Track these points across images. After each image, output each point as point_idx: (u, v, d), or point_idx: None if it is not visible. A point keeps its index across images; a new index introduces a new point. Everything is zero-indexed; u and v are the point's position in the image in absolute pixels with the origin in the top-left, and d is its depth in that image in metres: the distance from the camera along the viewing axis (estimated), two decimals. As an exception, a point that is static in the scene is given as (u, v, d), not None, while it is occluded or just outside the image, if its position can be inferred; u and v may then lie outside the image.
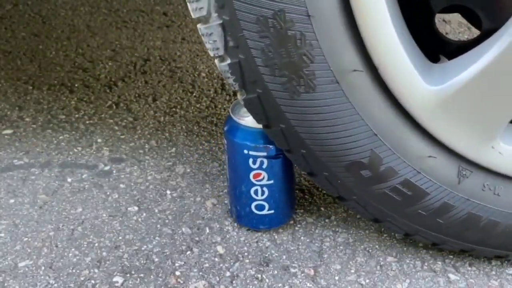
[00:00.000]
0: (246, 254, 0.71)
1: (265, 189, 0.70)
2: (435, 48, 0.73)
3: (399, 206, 0.64)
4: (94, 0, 1.61)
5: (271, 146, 0.67)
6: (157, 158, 0.90)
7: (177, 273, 0.68)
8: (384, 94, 0.58)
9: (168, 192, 0.82)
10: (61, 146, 0.92)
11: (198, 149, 0.93)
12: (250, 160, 0.68)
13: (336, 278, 0.68)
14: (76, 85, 1.12)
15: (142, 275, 0.67)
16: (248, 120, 0.67)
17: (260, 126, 0.65)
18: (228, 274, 0.68)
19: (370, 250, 0.73)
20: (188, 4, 0.56)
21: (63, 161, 0.88)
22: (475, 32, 1.35)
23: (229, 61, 0.58)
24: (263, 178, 0.69)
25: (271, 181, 0.69)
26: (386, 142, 0.59)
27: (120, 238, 0.73)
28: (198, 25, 0.57)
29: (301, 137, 0.60)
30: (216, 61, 0.59)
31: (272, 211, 0.72)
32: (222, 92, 1.11)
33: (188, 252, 0.71)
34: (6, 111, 1.02)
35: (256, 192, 0.70)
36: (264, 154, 0.67)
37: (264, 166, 0.68)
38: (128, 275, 0.67)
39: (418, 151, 0.60)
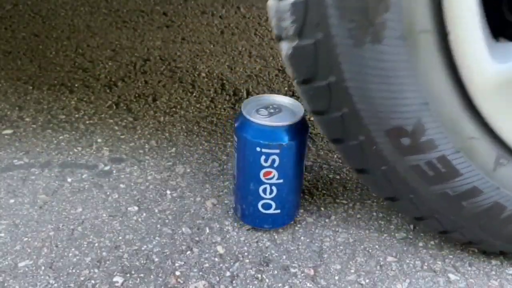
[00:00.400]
0: (246, 254, 0.71)
1: (273, 188, 0.70)
2: (499, 27, 0.72)
3: (428, 182, 0.61)
4: (94, 0, 1.61)
5: (284, 144, 0.67)
6: (157, 158, 0.90)
7: (177, 273, 0.68)
8: (445, 63, 0.55)
9: (168, 192, 0.82)
10: (61, 146, 0.92)
11: (198, 149, 0.93)
12: (262, 158, 0.68)
13: (336, 278, 0.68)
14: (76, 85, 1.12)
15: (142, 275, 0.67)
16: (261, 118, 0.67)
17: (273, 123, 0.65)
18: (228, 274, 0.68)
19: (370, 250, 0.73)
20: None
21: (63, 161, 0.88)
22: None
23: None
24: (273, 176, 0.69)
25: (281, 180, 0.69)
26: (434, 113, 0.57)
27: (120, 238, 0.73)
28: None
29: (350, 93, 0.56)
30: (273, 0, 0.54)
31: (278, 211, 0.72)
32: (222, 92, 1.11)
33: (188, 252, 0.71)
34: (6, 111, 1.02)
35: (264, 191, 0.70)
36: (277, 151, 0.67)
37: (276, 164, 0.68)
38: (128, 275, 0.67)
39: (463, 129, 0.58)
